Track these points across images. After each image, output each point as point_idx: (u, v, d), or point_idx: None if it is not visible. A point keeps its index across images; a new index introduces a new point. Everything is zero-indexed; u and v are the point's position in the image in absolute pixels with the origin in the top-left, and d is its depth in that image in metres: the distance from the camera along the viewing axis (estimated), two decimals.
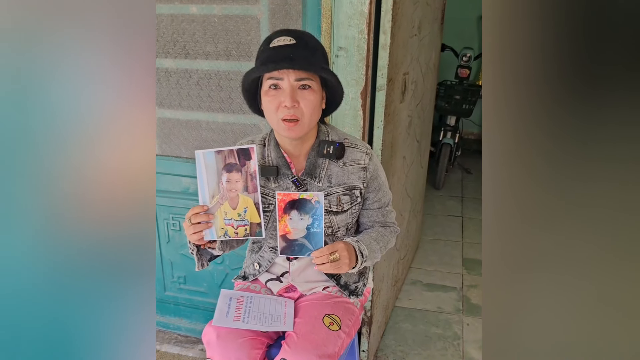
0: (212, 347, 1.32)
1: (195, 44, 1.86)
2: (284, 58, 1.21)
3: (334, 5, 1.61)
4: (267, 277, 1.50)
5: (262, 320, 1.34)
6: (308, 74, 1.24)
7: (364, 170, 1.38)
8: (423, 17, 2.17)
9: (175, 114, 2.00)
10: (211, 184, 1.24)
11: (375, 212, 1.44)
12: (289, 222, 1.26)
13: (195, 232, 1.26)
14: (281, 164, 1.37)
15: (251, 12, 1.76)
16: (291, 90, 1.23)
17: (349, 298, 1.47)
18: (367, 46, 1.62)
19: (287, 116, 1.24)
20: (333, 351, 1.29)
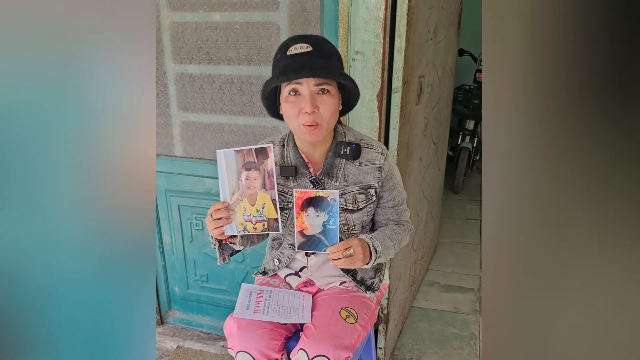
0: (233, 337, 1.38)
1: (218, 50, 1.94)
2: (302, 67, 1.25)
3: (351, 11, 1.67)
4: (286, 272, 1.56)
5: (281, 312, 1.40)
6: (327, 80, 1.29)
7: (379, 170, 1.43)
8: (439, 21, 2.22)
9: (198, 118, 2.08)
10: (231, 181, 1.31)
11: (389, 211, 1.49)
12: (306, 219, 1.32)
13: (216, 227, 1.32)
14: (299, 164, 1.43)
15: (271, 18, 1.83)
16: (311, 97, 1.28)
17: (365, 293, 1.52)
18: (382, 50, 1.68)
19: (308, 122, 1.29)
20: (349, 343, 1.34)
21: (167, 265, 2.40)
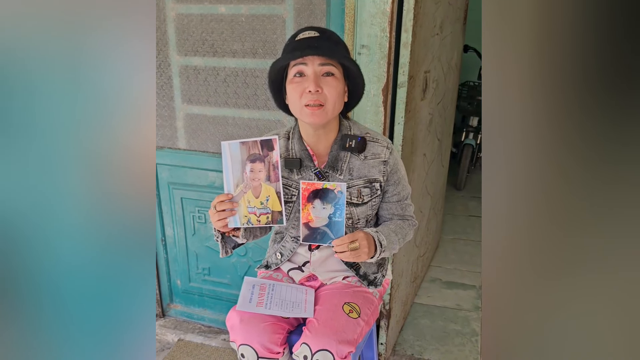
0: (235, 330, 1.37)
1: (223, 42, 1.93)
2: (308, 46, 1.28)
3: (357, 5, 1.66)
4: (289, 266, 1.56)
5: (284, 306, 1.40)
6: (331, 61, 1.30)
7: (384, 163, 1.42)
8: (445, 16, 2.20)
9: (202, 110, 2.07)
10: (236, 173, 1.30)
11: (394, 205, 1.49)
12: (312, 211, 1.31)
13: (220, 219, 1.32)
14: (304, 156, 1.42)
15: (277, 11, 1.82)
16: (315, 77, 1.29)
17: (368, 288, 1.52)
18: (388, 44, 1.67)
19: (311, 101, 1.29)
20: (352, 337, 1.34)
21: (169, 258, 2.40)
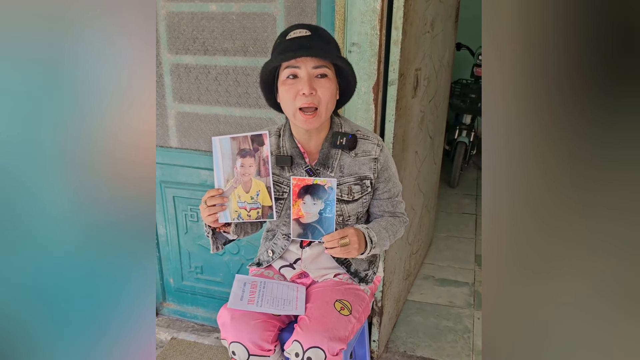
0: (227, 328, 1.38)
1: (214, 40, 1.93)
2: (301, 47, 1.26)
3: (348, 3, 1.66)
4: (280, 263, 1.56)
5: (275, 304, 1.40)
6: (325, 62, 1.29)
7: (374, 161, 1.43)
8: (436, 14, 2.21)
9: (194, 109, 2.07)
10: (226, 168, 1.31)
11: (385, 202, 1.49)
12: (303, 207, 1.32)
13: (210, 214, 1.32)
14: (295, 154, 1.43)
15: (268, 9, 1.82)
16: (309, 79, 1.28)
17: (359, 285, 1.52)
18: (379, 42, 1.67)
19: (305, 104, 1.29)
20: (344, 335, 1.34)
21: (161, 256, 2.40)
